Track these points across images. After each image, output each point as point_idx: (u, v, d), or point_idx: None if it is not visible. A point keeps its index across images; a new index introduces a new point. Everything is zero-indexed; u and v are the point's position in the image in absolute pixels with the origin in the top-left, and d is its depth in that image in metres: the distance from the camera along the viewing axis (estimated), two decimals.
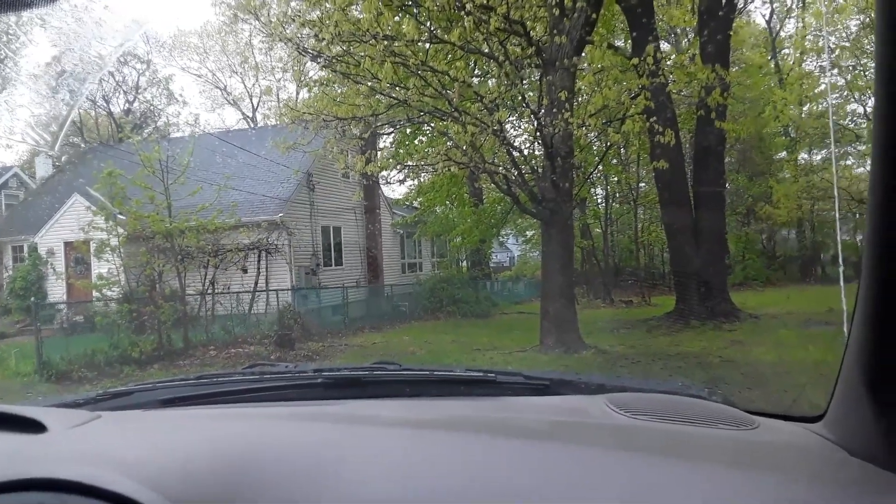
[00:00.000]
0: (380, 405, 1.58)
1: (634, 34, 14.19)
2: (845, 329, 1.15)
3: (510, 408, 1.54)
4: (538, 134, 10.80)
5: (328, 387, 1.66)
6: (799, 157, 26.55)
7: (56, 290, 18.44)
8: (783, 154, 27.21)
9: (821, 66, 23.86)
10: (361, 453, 1.15)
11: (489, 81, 14.44)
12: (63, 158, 27.49)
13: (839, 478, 1.10)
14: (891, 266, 0.95)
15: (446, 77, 10.27)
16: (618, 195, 27.79)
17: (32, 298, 15.44)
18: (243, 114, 41.14)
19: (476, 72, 14.83)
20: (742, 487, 1.02)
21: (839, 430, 1.19)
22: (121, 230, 14.01)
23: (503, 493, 1.00)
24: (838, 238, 13.61)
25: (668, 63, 11.66)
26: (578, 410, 1.46)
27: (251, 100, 40.83)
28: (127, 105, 39.06)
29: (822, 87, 23.99)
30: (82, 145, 32.21)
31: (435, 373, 1.74)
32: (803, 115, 24.81)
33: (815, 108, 24.58)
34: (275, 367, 2.01)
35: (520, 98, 11.47)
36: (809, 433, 1.27)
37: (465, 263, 28.57)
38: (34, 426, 1.22)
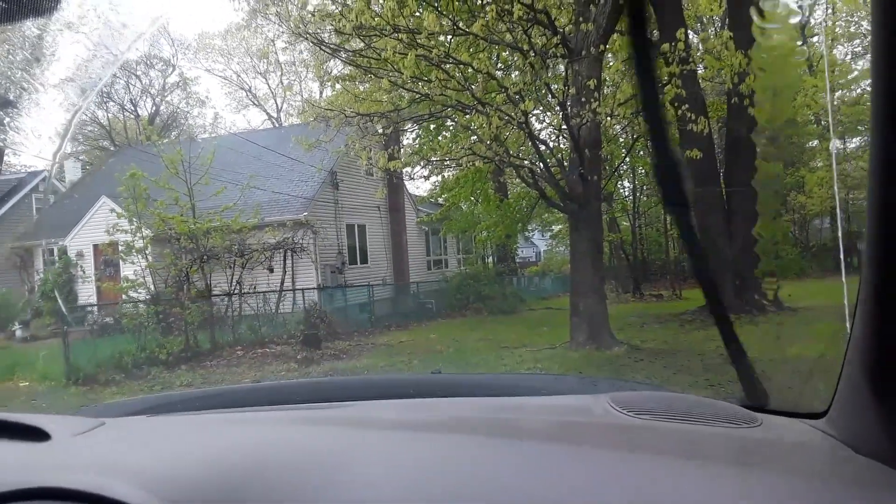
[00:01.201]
0: (383, 406, 1.57)
1: (661, 22, 13.88)
2: (847, 325, 1.11)
3: (513, 408, 1.53)
4: (564, 126, 10.56)
5: (333, 388, 1.71)
6: (830, 146, 25.91)
7: (85, 293, 18.58)
8: (815, 143, 26.58)
9: (854, 51, 23.24)
10: (366, 456, 1.15)
11: (513, 74, 14.21)
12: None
13: (842, 475, 1.08)
14: (891, 259, 0.93)
15: (469, 69, 10.08)
16: (645, 188, 27.38)
17: (59, 301, 15.57)
18: (268, 114, 41.41)
19: (499, 65, 14.60)
20: (745, 485, 1.01)
21: (842, 427, 1.17)
22: (146, 231, 14.05)
23: (508, 495, 0.99)
24: (839, 231, 13.37)
25: (700, 50, 11.34)
26: (582, 410, 1.45)
27: (275, 100, 41.05)
28: (154, 108, 39.52)
29: (856, 73, 23.37)
30: (111, 148, 32.58)
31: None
32: (835, 102, 24.18)
33: (847, 95, 23.95)
34: None
35: (545, 89, 11.22)
36: (812, 429, 1.25)
37: (490, 259, 28.38)
38: (38, 434, 1.22)
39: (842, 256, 11.96)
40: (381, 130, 12.49)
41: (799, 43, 24.52)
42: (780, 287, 16.02)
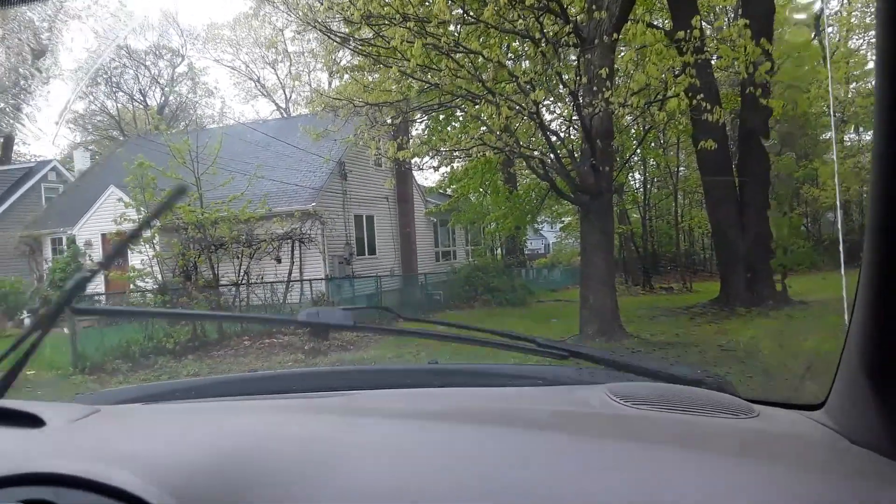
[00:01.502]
0: (383, 395, 1.56)
1: (675, 12, 13.71)
2: (846, 317, 1.13)
3: (511, 398, 1.53)
4: (576, 116, 10.42)
5: (330, 378, 1.69)
6: (845, 137, 25.62)
7: (93, 282, 18.55)
8: (829, 134, 26.29)
9: (869, 42, 22.90)
10: (365, 445, 1.15)
11: (523, 63, 14.06)
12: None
13: (840, 466, 1.09)
14: (891, 251, 0.93)
15: (479, 58, 9.95)
16: (656, 180, 27.16)
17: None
18: (276, 105, 41.29)
19: (509, 55, 14.44)
20: (742, 476, 1.01)
21: (840, 418, 1.18)
22: (153, 221, 13.99)
23: (506, 483, 0.99)
24: (839, 223, 13.39)
25: (714, 40, 11.18)
26: (579, 400, 1.46)
27: (284, 90, 40.95)
28: (163, 98, 39.55)
29: (871, 65, 23.04)
30: (121, 138, 32.65)
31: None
32: (850, 94, 23.89)
33: (862, 86, 23.64)
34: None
35: (556, 78, 11.07)
36: (809, 420, 1.27)
37: (499, 251, 28.26)
38: (32, 421, 1.21)
39: (841, 248, 11.94)
40: (389, 121, 12.37)
41: (813, 35, 24.26)
42: (792, 280, 15.91)
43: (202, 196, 14.22)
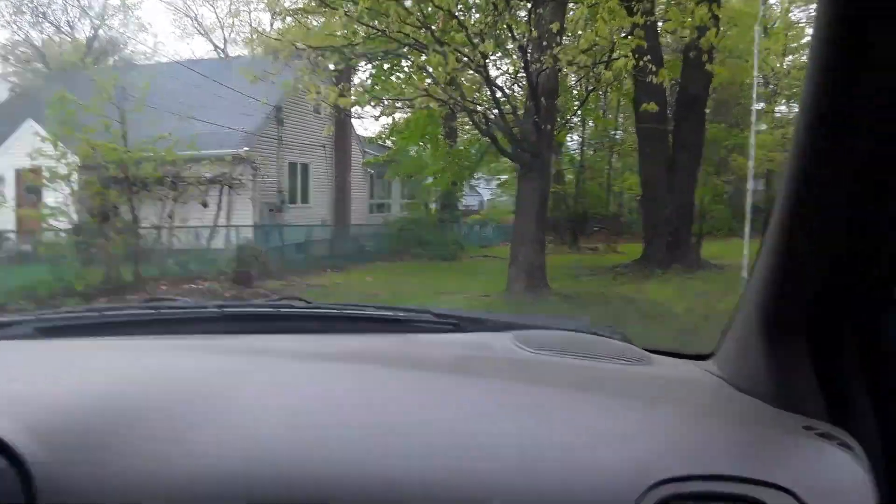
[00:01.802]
0: (283, 339, 1.50)
1: None
2: (744, 273, 1.40)
3: (418, 343, 1.54)
4: (523, 72, 10.24)
5: (228, 320, 1.61)
6: (776, 109, 26.25)
7: (4, 219, 17.53)
8: (761, 105, 26.91)
9: (809, 15, 23.35)
10: (259, 384, 1.12)
11: (473, 15, 13.70)
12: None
13: (725, 410, 1.15)
14: (795, 222, 0.97)
15: (430, 5, 9.58)
16: (593, 142, 27.35)
17: None
18: (214, 45, 39.56)
19: (459, 5, 14.08)
20: (633, 416, 1.06)
21: (727, 367, 1.26)
22: (71, 158, 13.18)
23: (404, 423, 1.01)
24: (750, 190, 14.07)
25: (663, 3, 11.13)
26: (485, 346, 1.48)
27: (222, 30, 39.25)
28: (92, 31, 37.26)
29: (807, 38, 23.56)
30: (46, 72, 30.62)
31: (344, 311, 1.72)
32: (786, 66, 24.42)
33: (798, 59, 24.18)
34: (174, 303, 1.83)
35: (507, 31, 10.82)
36: (698, 369, 1.35)
37: (434, 206, 28.09)
38: None
39: (748, 210, 12.40)
40: (332, 66, 11.88)
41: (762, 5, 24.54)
42: (711, 245, 16.40)
43: (126, 134, 13.45)
